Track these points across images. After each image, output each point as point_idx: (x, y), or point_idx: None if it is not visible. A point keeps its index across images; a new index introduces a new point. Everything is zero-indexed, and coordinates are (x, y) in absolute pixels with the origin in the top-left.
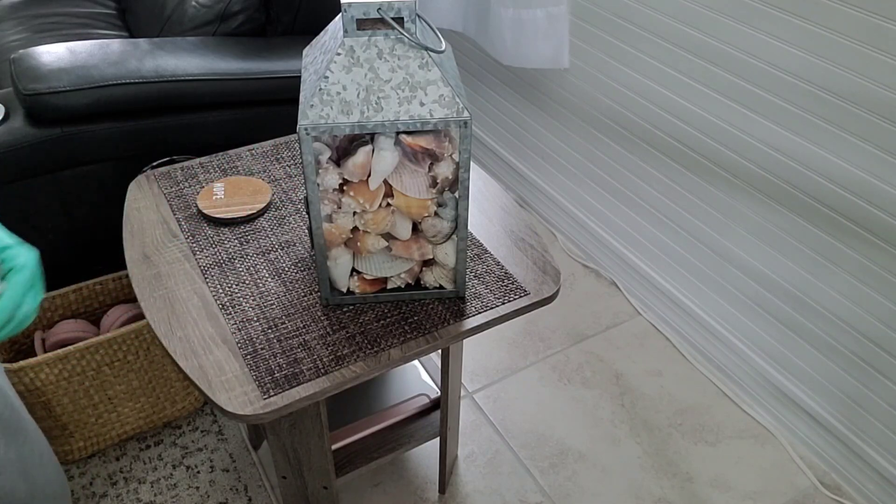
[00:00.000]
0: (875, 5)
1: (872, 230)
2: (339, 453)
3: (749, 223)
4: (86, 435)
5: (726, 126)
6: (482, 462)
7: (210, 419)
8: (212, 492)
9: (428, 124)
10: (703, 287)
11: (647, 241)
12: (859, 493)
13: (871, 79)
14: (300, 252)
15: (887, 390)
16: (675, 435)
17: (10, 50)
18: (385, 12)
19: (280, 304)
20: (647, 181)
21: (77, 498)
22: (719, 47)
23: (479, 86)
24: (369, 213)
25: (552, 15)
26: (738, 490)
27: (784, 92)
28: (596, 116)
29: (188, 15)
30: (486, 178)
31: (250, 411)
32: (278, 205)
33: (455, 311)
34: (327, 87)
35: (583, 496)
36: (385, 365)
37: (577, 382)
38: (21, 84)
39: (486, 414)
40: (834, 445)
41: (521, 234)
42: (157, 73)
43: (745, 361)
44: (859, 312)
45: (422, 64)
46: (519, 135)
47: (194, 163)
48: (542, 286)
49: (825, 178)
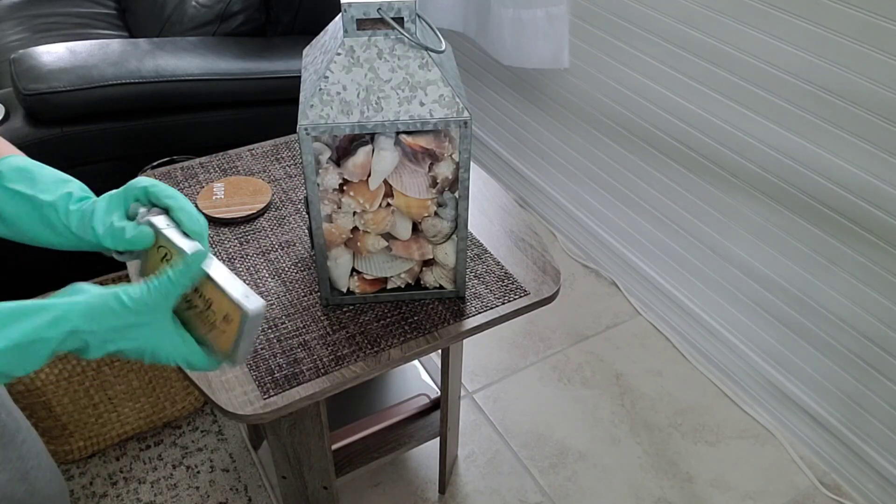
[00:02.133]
0: (875, 5)
1: (872, 230)
2: (339, 453)
3: (749, 223)
4: (86, 435)
5: (726, 126)
6: (482, 462)
7: (210, 419)
8: (212, 492)
9: (428, 124)
10: (703, 287)
11: (647, 241)
12: (859, 493)
13: (871, 79)
14: (300, 252)
15: (887, 390)
16: (675, 435)
17: (10, 50)
18: (385, 12)
19: (280, 304)
20: (647, 181)
21: (77, 498)
22: (719, 47)
23: (479, 86)
24: (369, 213)
25: (552, 15)
26: (738, 490)
27: (784, 92)
28: (596, 116)
29: (188, 15)
30: (486, 178)
31: (250, 411)
32: (278, 205)
33: (455, 311)
34: (327, 87)
35: (583, 496)
36: (385, 365)
37: (577, 382)
38: (21, 84)
39: (486, 414)
40: (834, 445)
41: (521, 234)
42: (157, 73)
43: (745, 361)
44: (859, 312)
45: (422, 64)
46: (519, 135)
47: (194, 163)
48: (542, 286)
49: (825, 178)
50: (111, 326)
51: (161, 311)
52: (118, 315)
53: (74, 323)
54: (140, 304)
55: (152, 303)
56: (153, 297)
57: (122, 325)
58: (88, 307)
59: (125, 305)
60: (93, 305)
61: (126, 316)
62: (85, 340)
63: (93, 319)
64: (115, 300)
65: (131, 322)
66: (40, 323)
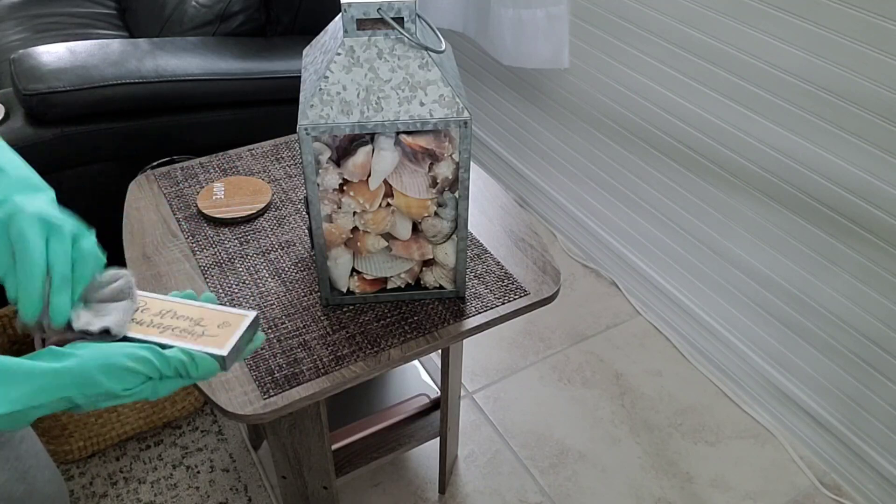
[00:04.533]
0: (875, 5)
1: (872, 230)
2: (339, 453)
3: (749, 223)
4: (86, 435)
5: (726, 126)
6: (482, 462)
7: (210, 419)
8: (212, 492)
9: (428, 124)
10: (703, 287)
11: (647, 241)
12: (859, 493)
13: (871, 79)
14: (300, 252)
15: (887, 390)
16: (675, 435)
17: (10, 50)
18: (385, 12)
19: (280, 304)
20: (647, 181)
21: (77, 498)
22: (719, 47)
23: (479, 86)
24: (369, 213)
25: (552, 15)
26: (738, 490)
27: (784, 92)
28: (596, 116)
29: (188, 15)
30: (486, 178)
31: (250, 411)
32: (278, 205)
33: (455, 311)
34: (327, 87)
35: (583, 496)
36: (385, 365)
37: (577, 382)
38: (21, 84)
39: (486, 414)
40: (834, 445)
41: (521, 234)
42: (157, 73)
43: (745, 361)
44: (859, 312)
45: (422, 64)
46: (519, 135)
47: (194, 163)
48: (542, 286)
49: (825, 178)
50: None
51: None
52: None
53: (67, 391)
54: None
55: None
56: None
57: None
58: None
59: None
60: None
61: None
62: (76, 403)
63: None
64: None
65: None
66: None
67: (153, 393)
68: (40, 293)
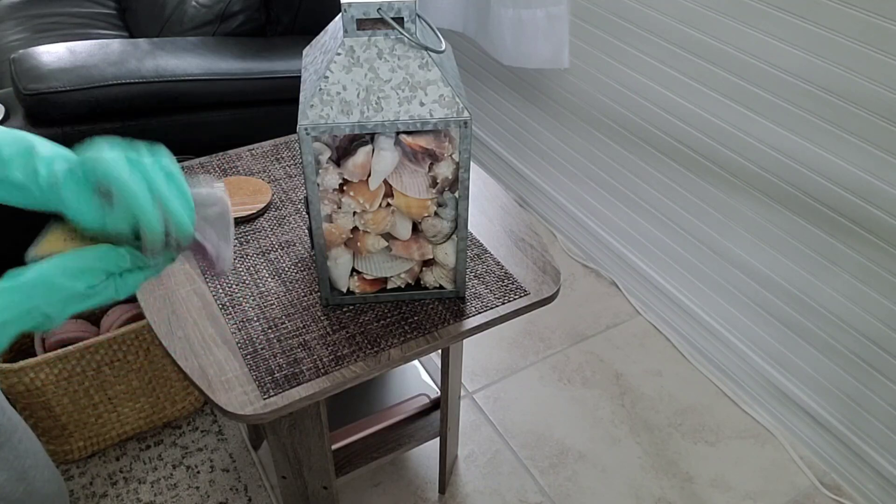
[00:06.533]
0: (875, 5)
1: (872, 230)
2: (339, 453)
3: (749, 223)
4: (86, 435)
5: (726, 126)
6: (482, 462)
7: (210, 419)
8: (212, 492)
9: (428, 124)
10: (703, 287)
11: (647, 241)
12: (859, 493)
13: (871, 79)
14: (300, 252)
15: (887, 390)
16: (675, 435)
17: (10, 50)
18: (385, 12)
19: (280, 304)
20: (647, 181)
21: (77, 498)
22: (719, 47)
23: (479, 86)
24: (369, 213)
25: (552, 15)
26: (738, 490)
27: (784, 92)
28: (596, 116)
29: (188, 15)
30: (486, 178)
31: (250, 411)
32: (278, 205)
33: (455, 311)
34: (327, 87)
35: (583, 496)
36: (385, 365)
37: (577, 382)
38: (21, 84)
39: (486, 414)
40: (834, 445)
41: (521, 234)
42: (157, 73)
43: (745, 361)
44: (859, 312)
45: (422, 64)
46: (519, 135)
47: (194, 163)
48: (542, 286)
49: (825, 178)
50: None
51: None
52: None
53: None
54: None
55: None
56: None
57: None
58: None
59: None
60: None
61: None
62: (45, 313)
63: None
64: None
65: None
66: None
67: (117, 290)
68: (157, 214)
